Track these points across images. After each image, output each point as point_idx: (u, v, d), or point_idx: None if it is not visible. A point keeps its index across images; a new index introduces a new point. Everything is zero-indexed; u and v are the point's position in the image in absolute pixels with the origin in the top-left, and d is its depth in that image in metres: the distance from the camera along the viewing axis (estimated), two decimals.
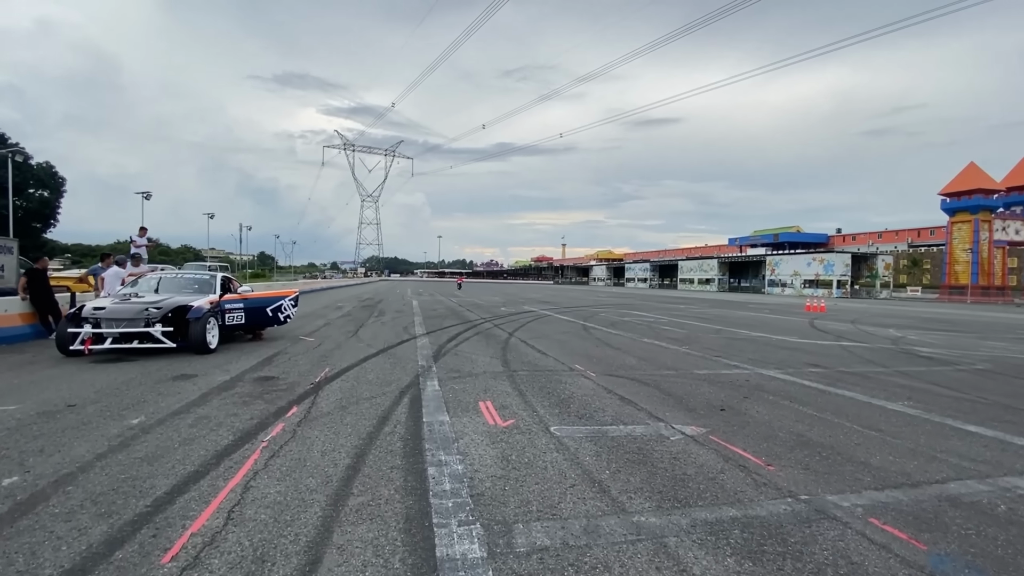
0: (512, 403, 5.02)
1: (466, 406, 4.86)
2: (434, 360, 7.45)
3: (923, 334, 13.80)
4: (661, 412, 4.84)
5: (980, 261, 54.56)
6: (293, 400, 4.97)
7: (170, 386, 5.47)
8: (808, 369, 7.54)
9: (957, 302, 45.56)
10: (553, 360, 7.70)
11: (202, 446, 3.61)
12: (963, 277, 55.23)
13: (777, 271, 64.71)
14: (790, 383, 6.46)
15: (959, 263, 56.41)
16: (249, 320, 8.88)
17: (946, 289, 55.78)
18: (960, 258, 56.19)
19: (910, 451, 3.97)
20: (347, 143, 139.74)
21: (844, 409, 5.19)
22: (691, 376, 6.72)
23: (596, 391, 5.65)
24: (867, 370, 7.66)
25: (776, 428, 4.46)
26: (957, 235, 56.76)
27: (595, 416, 4.63)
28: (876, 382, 6.70)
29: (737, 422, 4.61)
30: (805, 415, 4.91)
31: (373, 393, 5.31)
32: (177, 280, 9.06)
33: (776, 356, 8.78)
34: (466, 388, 5.63)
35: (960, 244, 56.25)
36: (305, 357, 7.52)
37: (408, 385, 5.73)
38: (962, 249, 55.84)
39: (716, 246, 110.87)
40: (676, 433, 4.21)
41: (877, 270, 58.59)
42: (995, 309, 32.74)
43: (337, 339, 9.65)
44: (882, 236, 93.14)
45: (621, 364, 7.50)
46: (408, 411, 4.66)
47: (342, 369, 6.61)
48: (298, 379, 5.96)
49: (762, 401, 5.43)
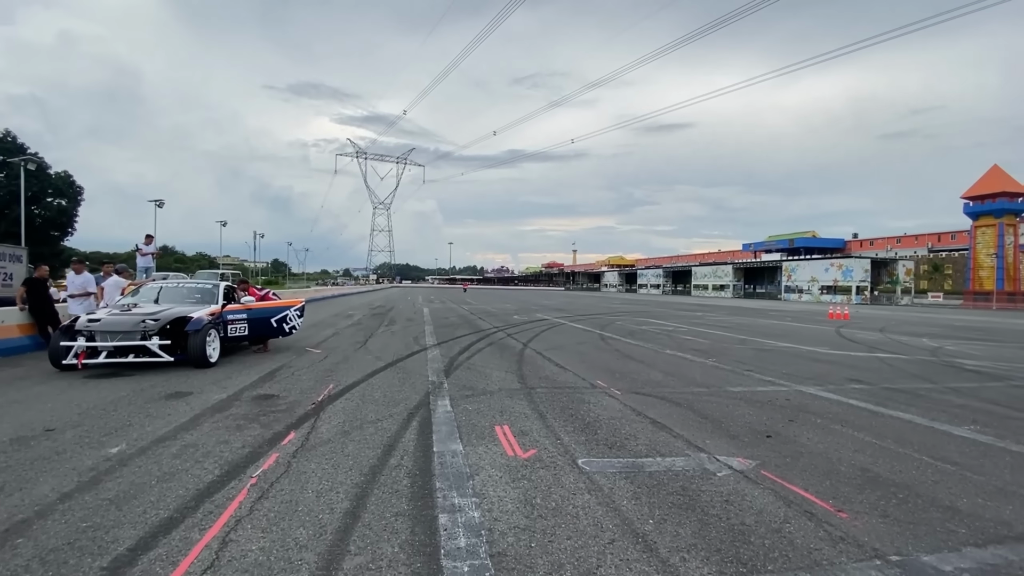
0: (532, 428, 4.52)
1: (481, 432, 4.37)
2: (445, 375, 6.98)
3: (960, 344, 13.04)
4: (700, 439, 4.31)
5: (1005, 266, 52.90)
6: (291, 424, 4.52)
7: (161, 406, 5.05)
8: (850, 386, 6.94)
9: (983, 308, 44.13)
10: (573, 375, 7.18)
11: (183, 483, 3.16)
12: (988, 283, 53.57)
13: (794, 277, 63.46)
14: (835, 403, 5.88)
15: (984, 268, 54.75)
16: (253, 332, 8.50)
17: (970, 295, 54.11)
18: (985, 263, 54.54)
19: (999, 491, 3.40)
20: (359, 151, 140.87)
21: (905, 435, 4.61)
22: (725, 394, 6.17)
23: (624, 413, 5.13)
24: (915, 387, 7.04)
25: (835, 460, 3.91)
26: (981, 240, 55.13)
27: (627, 445, 4.12)
28: (930, 401, 6.09)
29: (788, 452, 4.06)
30: (863, 443, 4.35)
31: (379, 415, 4.85)
32: (178, 290, 8.71)
33: (812, 370, 8.18)
34: (480, 409, 5.14)
35: (984, 249, 54.61)
36: (309, 372, 7.10)
37: (417, 405, 5.26)
38: (986, 254, 54.20)
39: (730, 251, 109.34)
40: (722, 467, 3.68)
41: (898, 276, 57.14)
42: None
43: (345, 351, 9.23)
44: (901, 241, 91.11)
45: (646, 380, 6.97)
46: (417, 438, 4.18)
47: (347, 386, 6.17)
48: (299, 398, 5.52)
49: (810, 425, 4.87)
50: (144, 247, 13.58)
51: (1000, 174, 53.90)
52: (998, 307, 46.01)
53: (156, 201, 33.39)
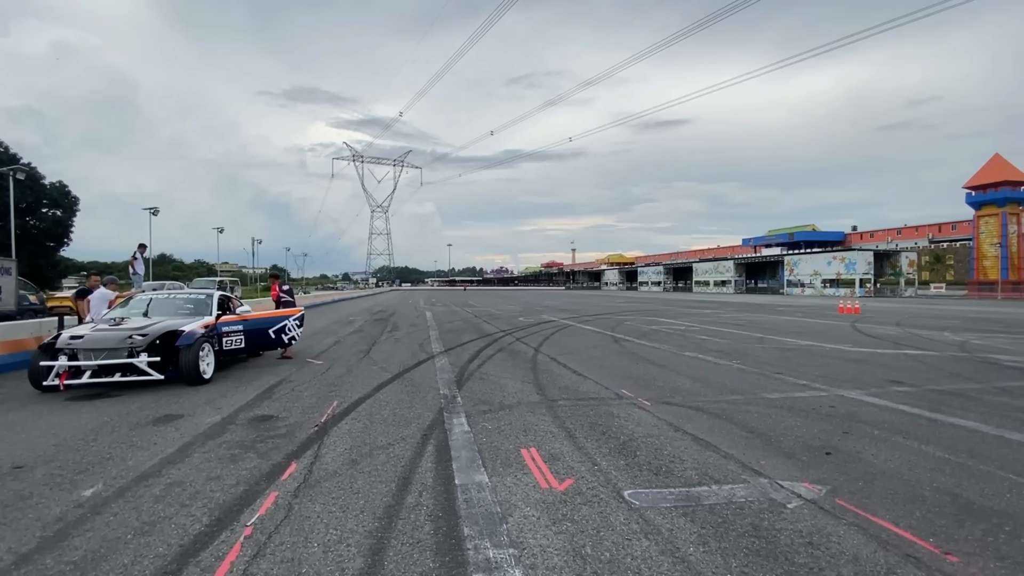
0: (563, 450, 4.03)
1: (507, 457, 3.88)
2: (457, 387, 6.49)
3: (984, 337, 12.57)
4: (754, 460, 3.83)
5: (1009, 255, 52.54)
6: (292, 452, 4.02)
7: (147, 434, 4.56)
8: (893, 388, 6.46)
9: (988, 298, 43.68)
10: (594, 383, 6.69)
11: (163, 537, 2.67)
12: (992, 272, 53.21)
13: (796, 271, 62.98)
14: (885, 409, 5.39)
15: (987, 258, 54.39)
16: (250, 343, 8.00)
17: (975, 285, 53.75)
18: (988, 253, 54.18)
19: None
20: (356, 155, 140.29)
21: (979, 449, 4.13)
22: (763, 402, 5.69)
23: (660, 428, 4.64)
24: (961, 387, 6.56)
25: (914, 483, 3.42)
26: (984, 229, 54.76)
27: (673, 470, 3.63)
28: (985, 405, 5.61)
29: (857, 473, 3.58)
30: (937, 460, 3.87)
31: (390, 438, 4.35)
32: (170, 301, 8.21)
33: (844, 371, 7.70)
34: (501, 427, 4.66)
35: (988, 238, 54.24)
36: (311, 386, 6.60)
37: (431, 425, 4.76)
38: (990, 244, 53.84)
39: (729, 247, 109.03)
40: (789, 495, 3.19)
41: (901, 267, 56.67)
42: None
43: (348, 361, 8.74)
44: (901, 232, 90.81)
45: (674, 387, 6.48)
46: (435, 467, 3.69)
47: (352, 403, 5.67)
48: (301, 418, 5.02)
49: (869, 439, 4.39)
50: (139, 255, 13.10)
51: (1002, 163, 53.53)
52: (1003, 296, 45.60)
53: (151, 209, 32.89)
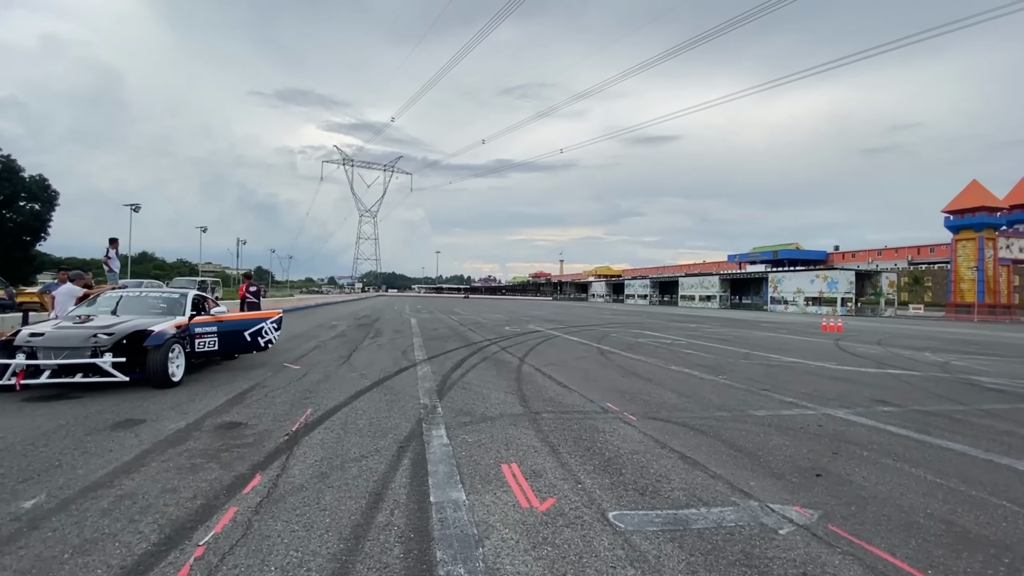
0: (545, 466, 3.85)
1: (486, 473, 3.68)
2: (439, 397, 6.27)
3: (965, 359, 12.70)
4: (743, 480, 3.68)
5: (986, 279, 53.80)
6: (258, 463, 3.78)
7: (103, 439, 4.27)
8: (879, 408, 6.40)
9: (964, 320, 44.62)
10: (579, 396, 6.53)
11: (104, 557, 2.43)
12: (969, 295, 54.40)
13: (780, 288, 63.86)
14: (873, 429, 5.31)
15: (964, 281, 55.64)
16: (223, 346, 7.70)
17: (952, 307, 54.89)
18: (965, 276, 55.44)
19: None
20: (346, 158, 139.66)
21: (969, 473, 4.04)
22: (750, 420, 5.57)
23: (646, 444, 4.49)
24: (946, 408, 6.52)
25: (907, 509, 3.30)
26: (962, 253, 56.09)
27: (660, 490, 3.46)
28: (972, 428, 5.56)
29: (849, 497, 3.45)
30: (929, 484, 3.76)
31: (364, 450, 4.13)
32: (141, 299, 7.88)
33: (830, 389, 7.64)
34: (482, 441, 4.46)
35: (965, 262, 55.54)
36: (285, 392, 6.33)
37: (409, 436, 4.55)
38: (967, 267, 55.12)
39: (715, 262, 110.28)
40: (780, 520, 3.05)
41: (881, 288, 57.79)
42: (1010, 328, 31.73)
43: (327, 366, 8.46)
44: (881, 253, 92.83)
45: (661, 402, 6.34)
46: (410, 482, 3.48)
47: (328, 410, 5.43)
48: (271, 426, 4.77)
49: (859, 460, 4.28)
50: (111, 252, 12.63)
51: (979, 189, 55.01)
52: (979, 319, 46.61)
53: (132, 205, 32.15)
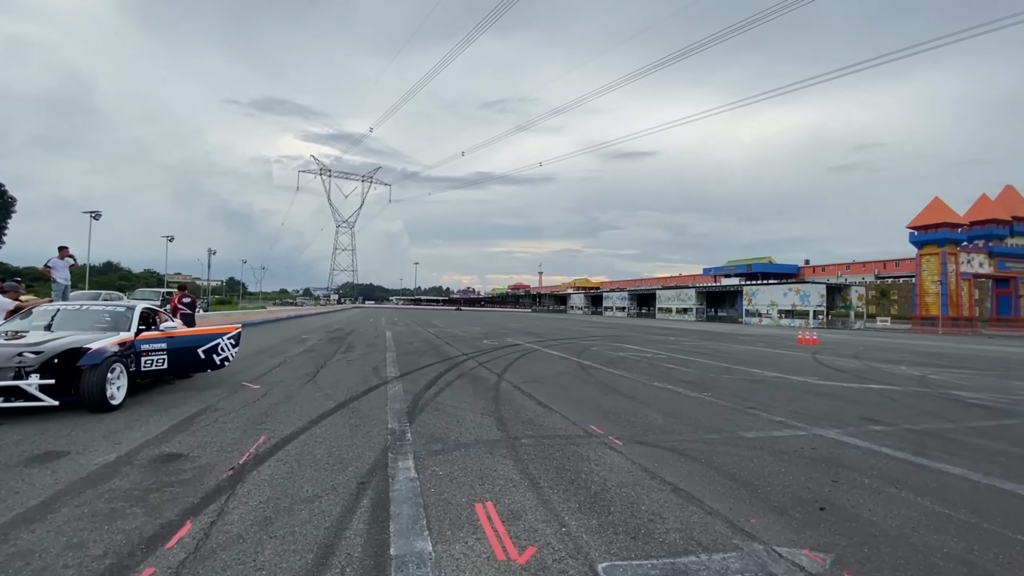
0: (525, 505, 3.43)
1: (457, 515, 3.24)
2: (409, 420, 5.79)
3: (940, 372, 12.77)
4: (742, 516, 3.33)
5: (949, 293, 55.67)
6: (192, 506, 3.26)
7: (11, 478, 3.68)
8: (870, 427, 6.18)
9: (930, 333, 45.95)
10: (561, 417, 6.13)
11: None
12: (933, 308, 56.17)
13: (754, 301, 64.96)
14: (868, 452, 5.05)
15: (929, 294, 57.49)
16: (174, 364, 7.06)
17: (918, 320, 56.55)
18: (930, 290, 57.31)
19: None
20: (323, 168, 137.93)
21: (977, 503, 3.77)
22: (741, 443, 5.25)
23: (635, 475, 4.11)
24: (936, 427, 6.34)
25: (922, 549, 2.99)
26: (926, 267, 58.03)
27: (654, 532, 3.08)
28: (966, 448, 5.35)
29: (859, 536, 3.12)
30: (938, 516, 3.47)
31: (318, 488, 3.64)
32: (82, 313, 7.19)
33: (818, 407, 7.42)
34: (454, 473, 4.01)
35: (929, 276, 57.46)
36: (238, 417, 5.77)
37: (371, 469, 4.07)
38: (931, 281, 57.01)
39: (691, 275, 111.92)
40: (791, 569, 2.69)
41: (851, 301, 59.26)
42: (974, 341, 32.68)
43: (289, 386, 7.88)
44: (850, 267, 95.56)
45: (646, 423, 5.99)
46: (368, 529, 3.01)
47: (284, 438, 4.90)
48: (215, 459, 4.23)
49: (861, 489, 3.98)
50: (57, 261, 11.67)
51: (941, 206, 57.19)
52: (943, 331, 48.07)
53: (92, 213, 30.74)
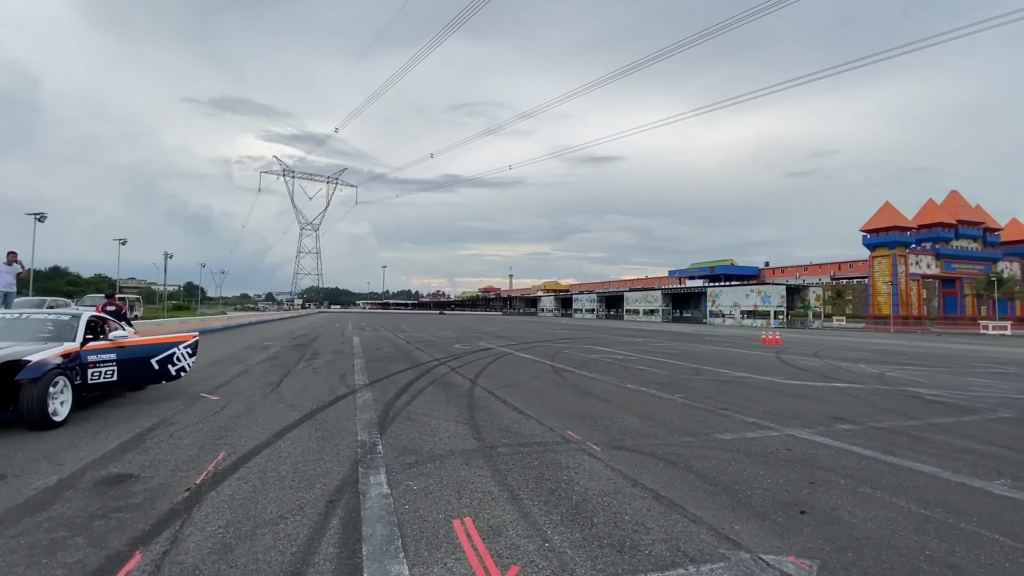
0: (505, 519, 3.28)
1: (435, 533, 3.06)
2: (380, 431, 5.55)
3: (897, 369, 13.30)
4: (726, 523, 3.27)
5: (899, 293, 58.60)
6: (143, 533, 2.98)
7: None
8: (839, 426, 6.30)
9: (882, 331, 48.13)
10: (537, 423, 6.01)
11: None
12: (885, 308, 58.98)
13: (718, 302, 66.70)
14: (840, 452, 5.12)
15: (881, 295, 60.35)
16: (125, 376, 6.60)
17: (871, 319, 59.23)
18: (882, 290, 60.16)
19: None
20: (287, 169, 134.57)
21: (951, 501, 3.84)
22: (717, 445, 5.25)
23: (615, 483, 4.02)
24: (900, 425, 6.52)
25: (905, 551, 2.99)
26: (878, 268, 60.92)
27: (640, 544, 2.98)
28: (932, 445, 5.50)
29: (842, 540, 3.11)
30: (916, 517, 3.50)
31: (283, 508, 3.39)
32: (21, 322, 6.64)
33: (787, 407, 7.55)
34: (429, 488, 3.82)
35: (881, 277, 60.31)
36: (196, 431, 5.41)
37: (341, 485, 3.84)
38: (883, 282, 59.85)
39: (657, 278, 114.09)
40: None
41: (809, 301, 61.59)
42: (923, 339, 34.41)
43: (251, 396, 7.49)
44: (807, 269, 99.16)
45: (623, 427, 5.93)
46: (338, 553, 2.81)
47: (245, 454, 4.60)
48: (169, 479, 3.92)
49: (838, 490, 4.00)
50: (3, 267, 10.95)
51: (891, 210, 60.16)
52: (895, 330, 50.48)
53: (37, 215, 28.94)
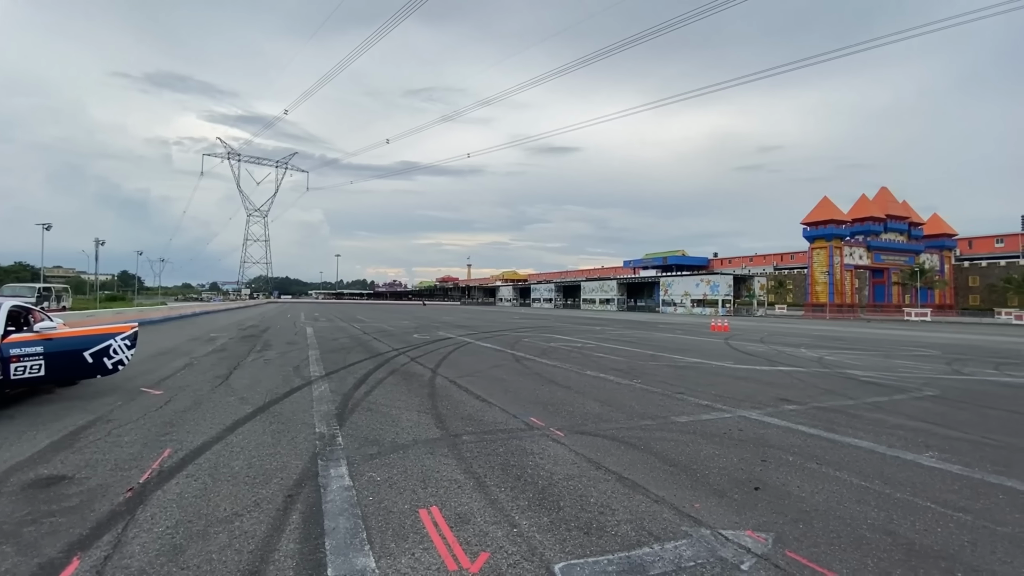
0: (473, 507, 3.25)
1: (401, 524, 3.00)
2: (339, 422, 5.39)
3: (834, 353, 14.17)
4: (687, 502, 3.38)
5: (835, 282, 62.39)
6: (80, 537, 2.76)
7: None
8: (786, 407, 6.64)
9: (819, 318, 51.19)
10: (500, 411, 6.00)
11: None
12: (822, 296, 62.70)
13: (670, 291, 68.95)
14: (787, 431, 5.40)
15: (819, 284, 64.06)
16: (54, 371, 6.08)
17: (810, 307, 62.86)
18: (819, 279, 63.87)
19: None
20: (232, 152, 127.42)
21: (887, 472, 4.12)
22: (675, 427, 5.42)
23: (580, 467, 4.07)
24: (839, 404, 6.95)
25: (849, 521, 3.18)
26: (816, 259, 64.56)
27: (606, 525, 3.03)
28: (867, 422, 5.89)
29: (793, 513, 3.28)
30: (858, 489, 3.74)
31: (238, 505, 3.23)
32: None
33: (737, 389, 7.89)
34: (393, 478, 3.74)
35: (819, 267, 63.98)
36: (137, 427, 5.07)
37: (300, 479, 3.70)
38: (820, 272, 63.53)
39: (613, 268, 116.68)
40: (738, 551, 2.74)
41: (754, 290, 64.65)
42: (856, 325, 36.88)
43: (198, 390, 7.10)
44: (753, 260, 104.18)
45: (584, 413, 6.02)
46: (300, 548, 2.70)
47: (193, 450, 4.35)
48: (109, 478, 3.65)
49: (787, 467, 4.21)
50: None
51: (829, 204, 63.75)
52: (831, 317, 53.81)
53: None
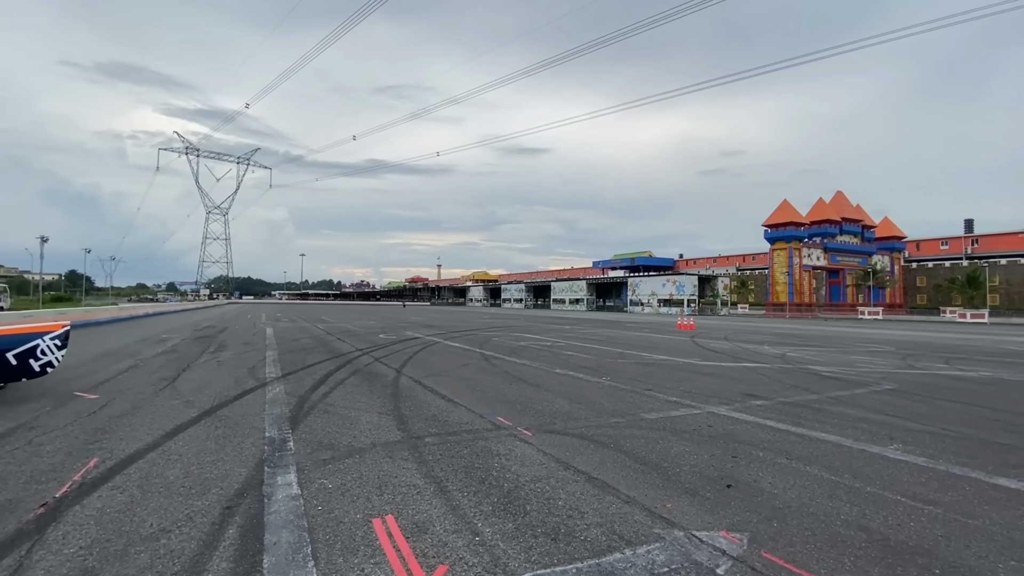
0: (432, 514, 3.01)
1: (351, 536, 2.73)
2: (291, 426, 5.04)
3: (795, 350, 14.50)
4: (659, 502, 3.22)
5: (795, 283, 64.63)
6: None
7: None
8: (752, 402, 6.64)
9: (780, 317, 52.96)
10: (466, 411, 5.76)
11: None
12: (782, 296, 64.85)
13: (637, 291, 70.02)
14: (756, 426, 5.36)
15: (779, 284, 66.21)
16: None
17: (771, 306, 64.93)
18: (780, 280, 66.01)
19: (1010, 541, 2.84)
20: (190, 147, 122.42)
21: (855, 466, 4.09)
22: (645, 425, 5.30)
23: (548, 468, 3.87)
24: (804, 399, 7.00)
25: (823, 517, 3.09)
26: (777, 260, 66.72)
27: (575, 530, 2.83)
28: (832, 416, 5.92)
29: (766, 511, 3.17)
30: (829, 484, 3.67)
31: (167, 519, 2.89)
32: None
33: (705, 386, 7.88)
34: (347, 485, 3.45)
35: (779, 268, 66.14)
36: (63, 435, 4.59)
37: (242, 489, 3.36)
38: (781, 272, 65.68)
39: (582, 268, 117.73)
40: (713, 553, 2.60)
41: (718, 290, 66.37)
42: (814, 323, 38.19)
43: (139, 393, 6.58)
44: (716, 261, 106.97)
45: (553, 411, 5.84)
46: (233, 567, 2.39)
47: (124, 459, 3.94)
48: (20, 493, 3.23)
49: (758, 463, 4.13)
50: None
51: (788, 207, 65.98)
52: (791, 315, 55.74)
53: None
